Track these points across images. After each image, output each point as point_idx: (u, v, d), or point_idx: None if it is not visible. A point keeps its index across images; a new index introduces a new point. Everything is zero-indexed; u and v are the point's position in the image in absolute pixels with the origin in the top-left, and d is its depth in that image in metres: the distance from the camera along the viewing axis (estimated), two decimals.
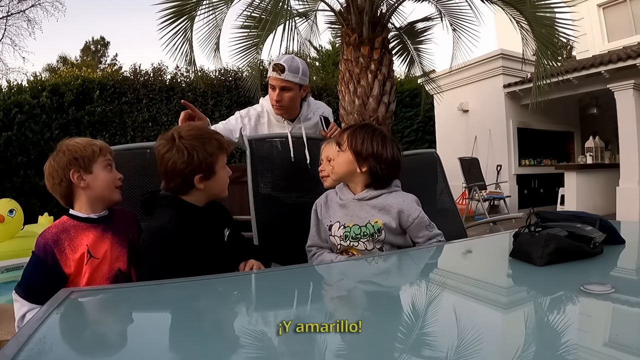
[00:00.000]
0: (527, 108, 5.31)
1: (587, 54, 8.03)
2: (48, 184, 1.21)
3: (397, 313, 0.76)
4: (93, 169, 1.21)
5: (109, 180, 1.24)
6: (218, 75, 8.71)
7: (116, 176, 1.26)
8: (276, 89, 1.93)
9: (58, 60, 24.81)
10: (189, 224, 1.20)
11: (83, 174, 1.19)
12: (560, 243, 0.92)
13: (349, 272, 1.12)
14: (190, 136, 1.21)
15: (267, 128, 2.06)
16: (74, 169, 1.18)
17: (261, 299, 0.91)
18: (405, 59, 5.75)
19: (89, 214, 1.20)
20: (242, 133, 2.01)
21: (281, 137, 1.93)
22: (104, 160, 1.24)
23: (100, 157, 1.23)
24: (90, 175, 1.20)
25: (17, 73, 17.87)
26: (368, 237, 1.36)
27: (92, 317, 0.79)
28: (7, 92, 7.63)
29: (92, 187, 1.20)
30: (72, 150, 1.20)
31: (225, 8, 4.26)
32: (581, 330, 0.65)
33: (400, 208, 1.35)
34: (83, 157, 1.19)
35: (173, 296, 0.88)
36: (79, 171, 1.18)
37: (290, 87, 1.93)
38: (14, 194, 7.21)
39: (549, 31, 4.14)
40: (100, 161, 1.23)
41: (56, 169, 1.19)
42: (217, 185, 1.27)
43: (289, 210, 1.84)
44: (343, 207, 1.43)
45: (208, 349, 0.58)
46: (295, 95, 1.97)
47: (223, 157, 1.27)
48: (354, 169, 1.37)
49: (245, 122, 2.04)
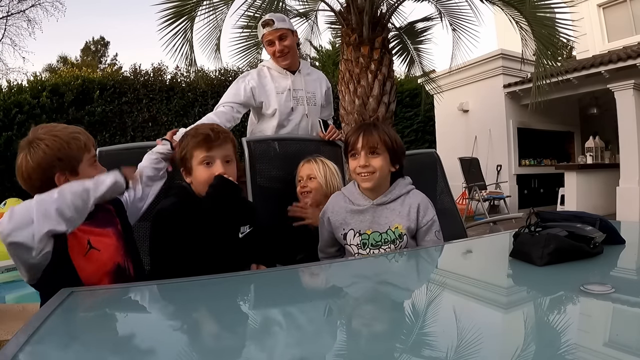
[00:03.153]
0: (527, 108, 5.31)
1: (587, 54, 8.02)
2: (24, 182, 1.05)
3: (397, 313, 0.76)
4: (80, 169, 1.06)
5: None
6: (218, 75, 8.71)
7: (102, 172, 1.11)
8: (274, 42, 2.06)
9: (58, 60, 24.81)
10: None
11: (69, 176, 1.04)
12: (560, 243, 0.92)
13: (349, 272, 1.12)
14: None
15: (270, 81, 2.12)
16: (58, 171, 1.03)
17: (260, 298, 0.91)
18: (405, 59, 5.75)
19: None
20: (252, 92, 2.08)
21: (280, 138, 1.95)
22: (89, 156, 1.09)
23: (86, 154, 1.08)
24: (77, 177, 1.05)
25: (17, 73, 17.86)
26: (389, 243, 1.33)
27: (92, 317, 0.79)
28: (7, 92, 7.64)
29: None
30: (55, 148, 1.02)
31: (226, 8, 4.26)
32: (581, 330, 0.65)
33: (419, 204, 1.34)
34: (69, 157, 1.04)
35: (173, 296, 0.88)
36: (65, 173, 1.04)
37: (285, 34, 2.08)
38: (13, 194, 7.21)
39: (549, 31, 4.14)
40: (86, 159, 1.08)
41: (35, 169, 1.02)
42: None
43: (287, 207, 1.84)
44: (358, 214, 1.37)
45: (208, 349, 0.58)
46: (293, 41, 2.12)
47: None
48: (389, 171, 1.34)
49: (248, 79, 2.09)
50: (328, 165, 1.76)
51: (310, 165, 1.75)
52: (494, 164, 8.14)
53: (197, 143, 1.26)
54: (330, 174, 1.74)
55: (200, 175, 1.26)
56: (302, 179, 1.74)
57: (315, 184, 1.72)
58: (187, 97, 8.44)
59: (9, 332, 2.08)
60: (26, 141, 1.06)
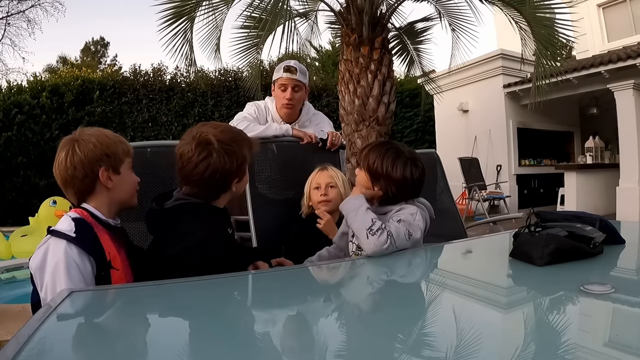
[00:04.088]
0: (527, 108, 5.30)
1: (587, 54, 8.03)
2: (63, 175, 1.05)
3: (397, 313, 0.76)
4: (121, 170, 1.10)
5: (133, 184, 1.15)
6: (218, 76, 8.71)
7: (137, 180, 1.17)
8: (288, 89, 2.04)
9: (58, 60, 24.82)
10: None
11: (112, 173, 1.08)
12: (560, 243, 0.92)
13: (349, 272, 1.12)
14: (228, 139, 1.15)
15: (270, 118, 2.12)
16: (104, 165, 1.06)
17: (260, 298, 0.91)
18: (405, 59, 5.74)
19: (107, 218, 1.09)
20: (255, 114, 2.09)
21: (278, 139, 1.95)
22: (130, 161, 1.14)
23: (128, 158, 1.13)
24: (118, 177, 1.09)
25: (17, 73, 17.82)
26: None
27: (92, 317, 0.79)
28: (7, 92, 7.65)
29: (117, 189, 1.09)
30: (105, 144, 1.07)
31: (225, 9, 4.26)
32: (581, 330, 0.65)
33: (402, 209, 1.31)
34: (115, 155, 1.08)
35: (173, 296, 0.88)
36: (108, 170, 1.07)
37: (301, 87, 2.07)
38: (13, 194, 7.23)
39: (548, 32, 4.13)
40: (127, 162, 1.13)
41: (82, 161, 1.04)
42: (243, 185, 1.26)
43: (287, 210, 1.85)
44: None
45: (208, 349, 0.58)
46: (303, 95, 2.11)
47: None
48: (370, 187, 1.34)
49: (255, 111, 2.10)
50: (342, 174, 1.78)
51: (330, 173, 1.73)
52: (493, 164, 8.15)
53: (250, 154, 1.24)
54: (346, 183, 1.75)
55: (244, 182, 1.26)
56: (320, 186, 1.72)
57: (335, 192, 1.70)
58: (187, 97, 8.44)
59: (9, 332, 2.08)
60: (71, 138, 1.08)
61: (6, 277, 3.63)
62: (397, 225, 1.16)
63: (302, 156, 1.94)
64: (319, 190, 1.71)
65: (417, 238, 1.20)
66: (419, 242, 1.23)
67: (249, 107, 2.13)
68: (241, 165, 1.17)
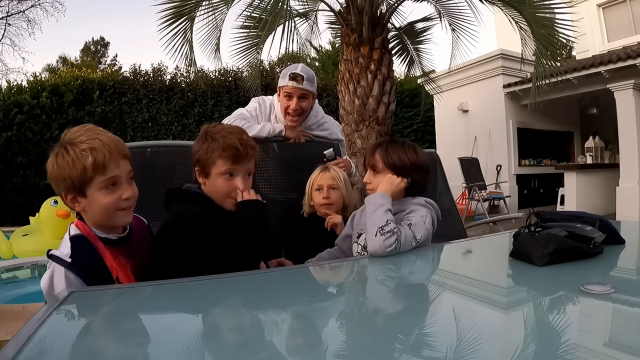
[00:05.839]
0: (527, 108, 5.30)
1: (587, 54, 8.03)
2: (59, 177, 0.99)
3: (397, 313, 0.76)
4: (87, 193, 0.97)
5: (106, 205, 0.98)
6: (218, 76, 8.71)
7: (120, 196, 1.00)
8: (293, 98, 1.90)
9: (58, 60, 24.83)
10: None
11: (77, 196, 0.98)
12: (560, 243, 0.92)
13: (349, 272, 1.12)
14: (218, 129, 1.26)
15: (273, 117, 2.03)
16: (63, 190, 0.98)
17: (260, 298, 0.91)
18: (405, 59, 5.75)
19: (106, 234, 1.03)
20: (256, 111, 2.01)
21: (279, 138, 1.94)
22: (103, 179, 0.97)
23: (98, 177, 0.96)
24: (85, 200, 0.98)
25: (17, 73, 17.84)
26: None
27: (92, 317, 0.79)
28: (7, 92, 7.64)
29: (89, 211, 1.00)
30: (61, 166, 0.96)
31: (225, 9, 4.26)
32: (581, 330, 0.65)
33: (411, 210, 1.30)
34: (71, 179, 0.96)
35: (173, 296, 0.88)
36: (72, 193, 0.98)
37: (307, 95, 1.93)
38: (13, 194, 7.23)
39: (548, 32, 4.14)
40: (97, 182, 0.96)
41: (51, 179, 0.99)
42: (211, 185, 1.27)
43: (287, 210, 1.84)
44: None
45: (209, 349, 0.58)
46: (309, 104, 1.98)
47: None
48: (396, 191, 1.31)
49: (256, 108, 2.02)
50: (344, 174, 1.73)
51: (332, 174, 1.69)
52: (493, 164, 8.15)
53: (224, 154, 1.21)
54: (348, 184, 1.72)
55: (220, 186, 1.23)
56: (322, 188, 1.69)
57: (337, 194, 1.68)
58: (186, 97, 8.44)
59: (9, 332, 2.09)
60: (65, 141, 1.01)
61: (7, 277, 3.63)
62: (407, 231, 1.17)
63: (304, 156, 1.93)
64: (320, 192, 1.69)
65: (422, 241, 1.21)
66: (425, 243, 1.24)
67: (252, 103, 2.05)
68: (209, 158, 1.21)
